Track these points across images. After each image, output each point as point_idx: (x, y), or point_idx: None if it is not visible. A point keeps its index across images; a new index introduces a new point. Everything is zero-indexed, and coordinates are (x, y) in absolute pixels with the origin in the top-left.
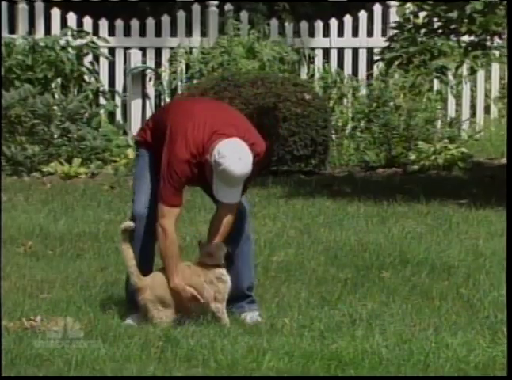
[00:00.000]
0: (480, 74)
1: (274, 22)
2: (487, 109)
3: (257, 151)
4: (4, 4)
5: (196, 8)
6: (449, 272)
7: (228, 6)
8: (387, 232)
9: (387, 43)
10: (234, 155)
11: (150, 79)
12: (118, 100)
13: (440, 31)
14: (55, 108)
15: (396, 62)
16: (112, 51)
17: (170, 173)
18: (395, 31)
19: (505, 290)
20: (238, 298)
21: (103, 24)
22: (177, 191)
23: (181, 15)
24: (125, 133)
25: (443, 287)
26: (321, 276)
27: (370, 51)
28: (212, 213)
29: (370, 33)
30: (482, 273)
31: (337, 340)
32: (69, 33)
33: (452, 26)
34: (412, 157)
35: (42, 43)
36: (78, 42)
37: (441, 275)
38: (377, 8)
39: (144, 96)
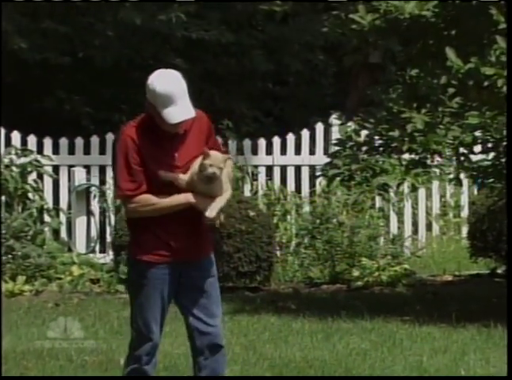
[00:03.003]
0: (421, 192)
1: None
2: (429, 226)
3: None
4: None
5: None
6: None
7: None
8: (331, 348)
9: (329, 160)
10: (157, 73)
11: (94, 196)
12: (63, 218)
13: (381, 149)
14: None
15: (338, 179)
16: (56, 168)
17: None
18: (337, 148)
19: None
20: None
21: (47, 142)
22: (130, 177)
23: None
24: (70, 250)
25: None
26: None
27: (313, 168)
28: None
29: (312, 151)
30: None
31: None
32: (13, 152)
33: (394, 144)
34: (356, 273)
35: None
36: (22, 160)
37: None
38: (319, 126)
39: (89, 213)
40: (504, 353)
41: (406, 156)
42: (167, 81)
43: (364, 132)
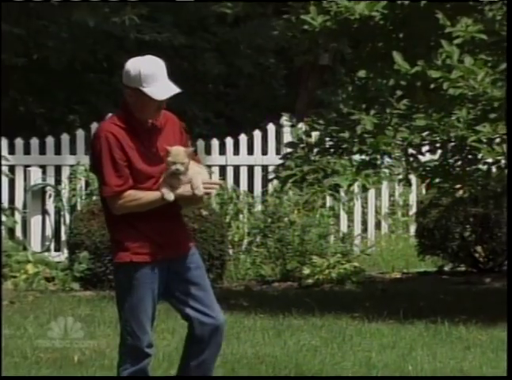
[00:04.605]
0: (371, 191)
1: None
2: (378, 225)
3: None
4: None
5: (95, 127)
6: None
7: None
8: (283, 344)
9: (281, 161)
10: (137, 58)
11: (50, 196)
12: (18, 217)
13: (332, 150)
14: None
15: (291, 180)
16: (12, 168)
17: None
18: (289, 149)
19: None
20: None
21: (3, 142)
22: (117, 172)
23: (80, 133)
24: (25, 249)
25: None
26: None
27: (265, 168)
28: (111, 327)
29: (265, 151)
30: None
31: None
32: None
33: (344, 146)
34: (307, 271)
35: None
36: None
37: None
38: (271, 127)
39: (44, 212)
40: (451, 348)
41: (356, 157)
42: (150, 62)
43: (315, 133)
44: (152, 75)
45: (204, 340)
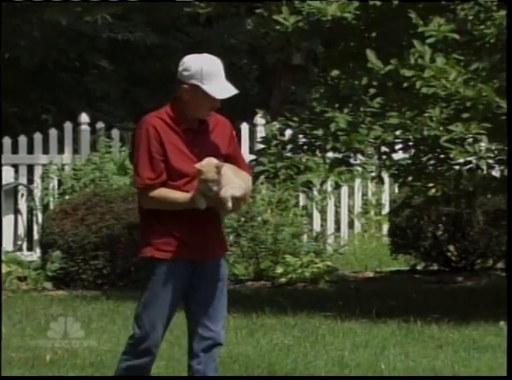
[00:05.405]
0: (344, 191)
1: None
2: (351, 224)
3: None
4: None
5: (68, 126)
6: None
7: (99, 125)
8: (255, 344)
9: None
10: (196, 55)
11: (22, 195)
12: None
13: (305, 147)
14: None
15: (263, 176)
16: None
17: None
18: (262, 146)
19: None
20: None
21: None
22: (151, 165)
23: (52, 133)
24: None
25: None
26: None
27: None
28: (83, 326)
29: None
30: None
31: None
32: None
33: (318, 143)
34: (280, 270)
35: None
36: None
37: None
38: (244, 126)
39: (16, 211)
40: (423, 347)
41: (330, 154)
42: (212, 60)
43: (288, 132)
44: (213, 73)
45: (198, 357)
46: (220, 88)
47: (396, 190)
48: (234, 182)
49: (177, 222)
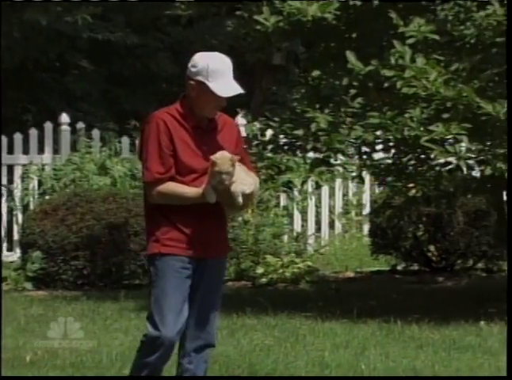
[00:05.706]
0: (325, 191)
1: (125, 140)
2: (332, 224)
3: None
4: None
5: (48, 126)
6: None
7: (80, 125)
8: (236, 344)
9: None
10: (204, 53)
11: (2, 195)
12: None
13: (286, 147)
14: None
15: None
16: None
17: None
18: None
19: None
20: None
21: None
22: (160, 159)
23: (33, 133)
24: None
25: None
26: None
27: None
28: None
29: None
30: None
31: None
32: None
33: (298, 143)
34: (260, 270)
35: None
36: None
37: None
38: None
39: None
40: (404, 347)
41: (310, 154)
42: (219, 58)
43: (269, 132)
44: (219, 71)
45: (189, 356)
46: (225, 86)
47: (377, 190)
48: (245, 179)
49: (183, 218)
